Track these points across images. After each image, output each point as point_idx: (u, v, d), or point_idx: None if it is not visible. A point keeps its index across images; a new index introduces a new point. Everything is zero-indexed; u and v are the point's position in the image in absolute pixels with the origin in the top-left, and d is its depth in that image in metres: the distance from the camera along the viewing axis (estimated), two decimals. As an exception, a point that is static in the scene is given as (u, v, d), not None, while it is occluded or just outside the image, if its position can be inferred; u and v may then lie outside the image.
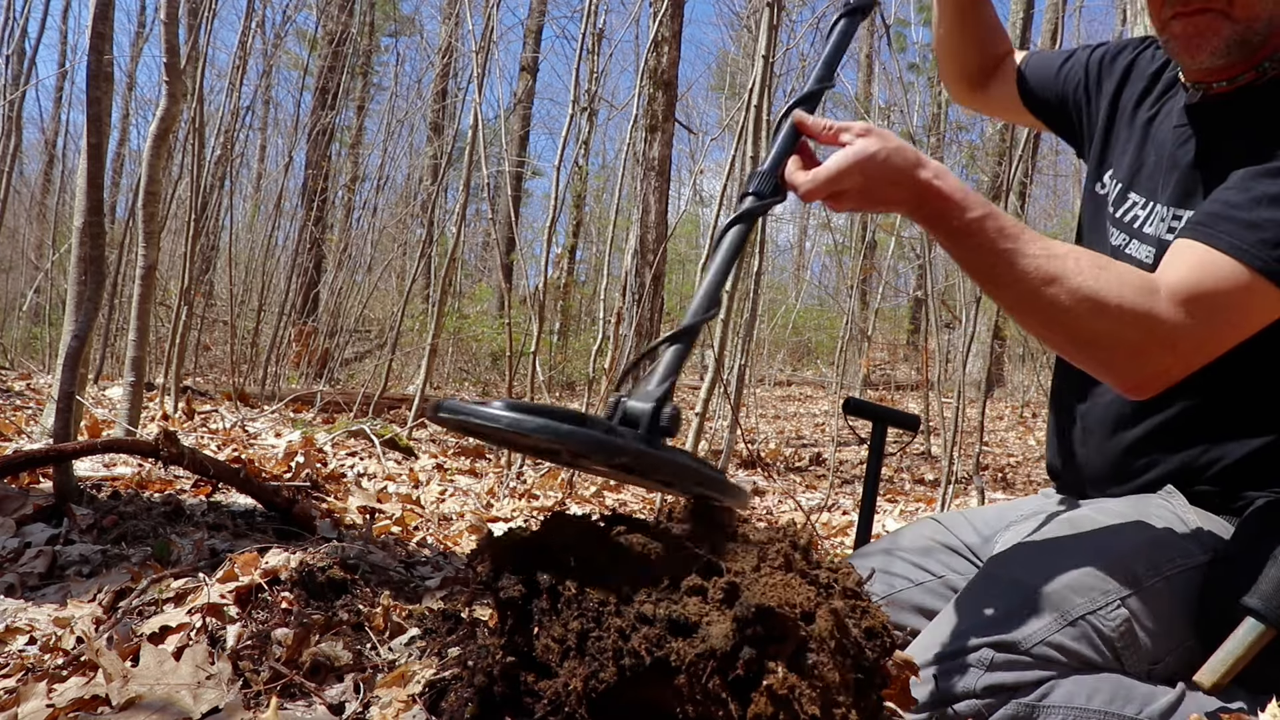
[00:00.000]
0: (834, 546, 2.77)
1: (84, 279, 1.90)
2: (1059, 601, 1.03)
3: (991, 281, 1.02)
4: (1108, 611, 1.03)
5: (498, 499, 3.15)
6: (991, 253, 0.99)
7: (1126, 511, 1.16)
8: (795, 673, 0.75)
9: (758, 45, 2.77)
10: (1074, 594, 1.04)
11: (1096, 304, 0.97)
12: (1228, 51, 1.09)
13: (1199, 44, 1.09)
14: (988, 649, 1.00)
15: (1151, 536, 1.10)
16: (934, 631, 1.07)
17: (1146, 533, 1.11)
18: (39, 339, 9.45)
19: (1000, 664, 0.99)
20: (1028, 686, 0.99)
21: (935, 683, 1.00)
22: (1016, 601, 1.03)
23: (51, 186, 12.42)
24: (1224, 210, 1.02)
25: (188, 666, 1.07)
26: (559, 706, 0.81)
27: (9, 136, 6.28)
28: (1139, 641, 1.04)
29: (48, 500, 1.75)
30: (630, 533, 0.90)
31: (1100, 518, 1.16)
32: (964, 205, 0.99)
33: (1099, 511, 1.18)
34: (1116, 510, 1.17)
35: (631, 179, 7.19)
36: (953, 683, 0.99)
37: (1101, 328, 0.98)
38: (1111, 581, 1.05)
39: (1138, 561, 1.08)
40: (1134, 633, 1.04)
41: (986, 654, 1.00)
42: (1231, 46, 1.08)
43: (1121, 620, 1.03)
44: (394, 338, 6.39)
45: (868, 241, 11.20)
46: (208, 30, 4.94)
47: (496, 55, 4.90)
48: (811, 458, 6.39)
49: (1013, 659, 0.99)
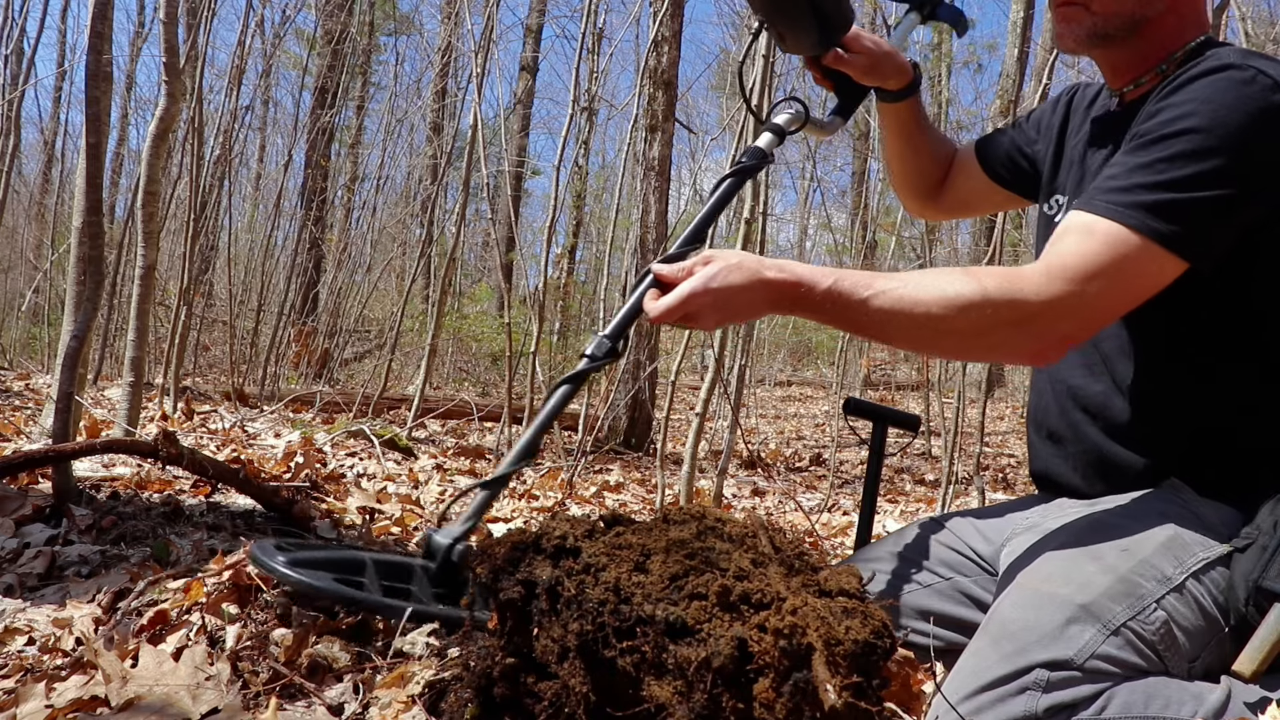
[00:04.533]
0: (834, 547, 2.77)
1: (83, 279, 1.89)
2: (1100, 612, 1.02)
3: (873, 330, 1.11)
4: (1146, 616, 1.03)
5: (497, 499, 3.15)
6: (857, 307, 1.08)
7: (1140, 511, 1.15)
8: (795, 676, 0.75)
9: (758, 45, 2.76)
10: (1112, 602, 1.03)
11: (963, 303, 1.06)
12: (1089, 40, 1.22)
13: (1064, 31, 1.23)
14: (1041, 670, 0.98)
15: (1171, 534, 1.10)
16: (974, 657, 1.04)
17: (1166, 530, 1.10)
18: (38, 339, 9.45)
19: (1057, 683, 0.98)
20: (1085, 701, 0.98)
21: (993, 709, 0.98)
22: (1058, 617, 1.02)
23: (50, 186, 12.41)
24: (1102, 183, 1.11)
25: (186, 667, 1.07)
26: (559, 707, 0.81)
27: (8, 136, 6.28)
28: (1178, 641, 1.04)
29: (46, 501, 1.75)
30: (630, 534, 0.90)
31: (1115, 520, 1.16)
32: (813, 281, 1.09)
33: (1111, 514, 1.18)
34: (1128, 510, 1.17)
35: (631, 179, 7.18)
36: (1011, 708, 0.97)
37: (975, 320, 1.06)
38: (1145, 585, 1.05)
39: (1165, 561, 1.07)
40: (1173, 633, 1.04)
41: (1041, 675, 0.98)
42: (1092, 37, 1.21)
43: (1161, 623, 1.03)
44: (393, 338, 6.39)
45: (868, 241, 11.20)
46: (207, 30, 4.94)
47: (496, 55, 4.90)
48: (812, 458, 6.39)
49: (1068, 676, 0.98)
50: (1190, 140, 1.06)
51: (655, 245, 5.99)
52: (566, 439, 5.22)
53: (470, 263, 16.13)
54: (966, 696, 0.99)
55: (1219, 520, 1.13)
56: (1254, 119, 1.05)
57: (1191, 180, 1.05)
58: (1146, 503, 1.17)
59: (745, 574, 0.83)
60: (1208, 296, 1.15)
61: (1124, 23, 1.20)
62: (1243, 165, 1.06)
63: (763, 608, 0.80)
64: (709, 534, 0.91)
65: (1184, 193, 1.05)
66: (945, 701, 0.99)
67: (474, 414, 6.34)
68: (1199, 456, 1.18)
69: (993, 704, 0.98)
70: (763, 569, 0.85)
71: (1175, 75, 1.14)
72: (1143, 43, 1.21)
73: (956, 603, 1.31)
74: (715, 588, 0.80)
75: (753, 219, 2.75)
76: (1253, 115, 1.05)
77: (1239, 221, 1.08)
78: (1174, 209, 1.05)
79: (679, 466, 3.29)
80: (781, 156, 18.30)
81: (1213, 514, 1.14)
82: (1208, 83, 1.09)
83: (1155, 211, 1.05)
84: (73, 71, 13.68)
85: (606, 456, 5.44)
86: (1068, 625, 1.01)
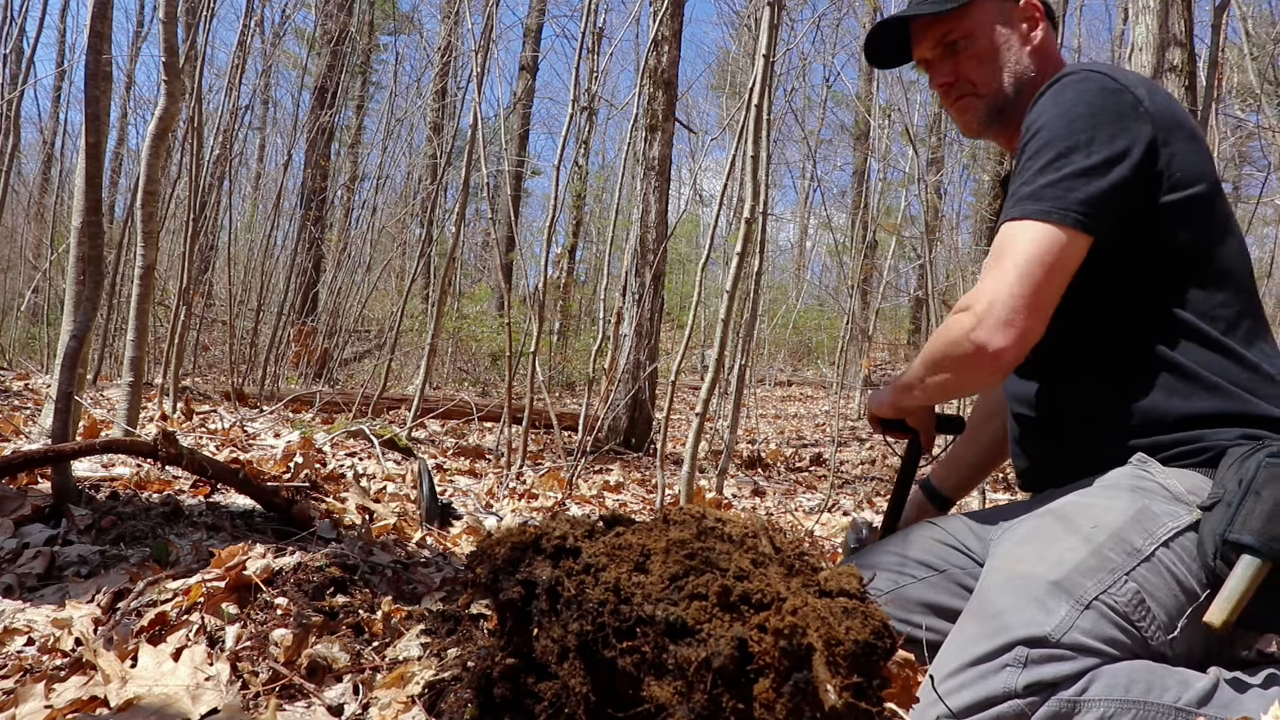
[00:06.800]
0: (834, 548, 2.77)
1: (82, 279, 1.89)
2: (1071, 587, 1.05)
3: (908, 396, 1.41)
4: (1117, 588, 1.06)
5: (497, 499, 3.15)
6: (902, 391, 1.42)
7: (1110, 488, 1.19)
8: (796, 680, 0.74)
9: (758, 44, 2.76)
10: (1083, 577, 1.06)
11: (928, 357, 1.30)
12: (988, 120, 1.39)
13: (965, 120, 1.42)
14: (1021, 647, 1.01)
15: (1139, 507, 1.14)
16: (958, 636, 1.08)
17: (1134, 504, 1.14)
18: (37, 339, 9.44)
19: (1036, 660, 1.01)
20: (1067, 680, 1.00)
21: (974, 687, 1.00)
22: (1034, 594, 1.05)
23: (50, 186, 12.40)
24: (1010, 201, 1.24)
25: (186, 668, 1.07)
26: (559, 708, 0.81)
27: (7, 135, 6.28)
28: (1152, 612, 1.07)
29: (46, 501, 1.74)
30: (630, 534, 0.90)
31: (1086, 499, 1.20)
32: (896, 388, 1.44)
33: (1083, 495, 1.22)
34: (1100, 489, 1.21)
35: (631, 178, 7.18)
36: (992, 684, 1.00)
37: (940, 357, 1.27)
38: (1115, 558, 1.08)
39: (1134, 533, 1.11)
40: (1145, 604, 1.07)
41: (1021, 651, 1.01)
42: (990, 115, 1.39)
43: (1132, 594, 1.06)
44: (393, 338, 6.39)
45: (868, 241, 11.20)
46: (206, 29, 4.93)
47: (496, 54, 4.90)
48: (812, 458, 6.39)
49: (1047, 653, 1.01)
50: (1042, 136, 1.20)
51: (655, 245, 5.99)
52: (566, 439, 5.22)
53: (470, 263, 16.12)
54: (950, 674, 1.02)
55: (1186, 488, 1.16)
56: (1092, 101, 1.19)
57: (1053, 164, 1.18)
58: (1117, 480, 1.20)
59: (745, 574, 0.83)
60: (1117, 282, 1.24)
61: (1008, 94, 1.37)
62: (1098, 137, 1.17)
63: (763, 608, 0.79)
64: (709, 534, 0.91)
65: (1051, 174, 1.18)
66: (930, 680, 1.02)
67: (474, 414, 6.34)
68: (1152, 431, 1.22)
69: (974, 681, 1.01)
70: (763, 569, 0.85)
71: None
72: (1025, 102, 1.35)
73: (951, 594, 1.34)
74: (715, 588, 0.80)
75: (753, 219, 2.75)
76: (1091, 98, 1.19)
77: (1117, 191, 1.18)
78: (1047, 192, 1.17)
79: (679, 466, 3.29)
80: (781, 156, 18.19)
81: (1179, 481, 1.16)
82: (1050, 94, 1.24)
83: (1035, 199, 1.18)
84: (72, 71, 13.68)
85: (607, 456, 5.44)
86: (1044, 602, 1.04)
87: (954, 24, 1.36)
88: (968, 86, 1.38)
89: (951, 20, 1.36)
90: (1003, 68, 1.36)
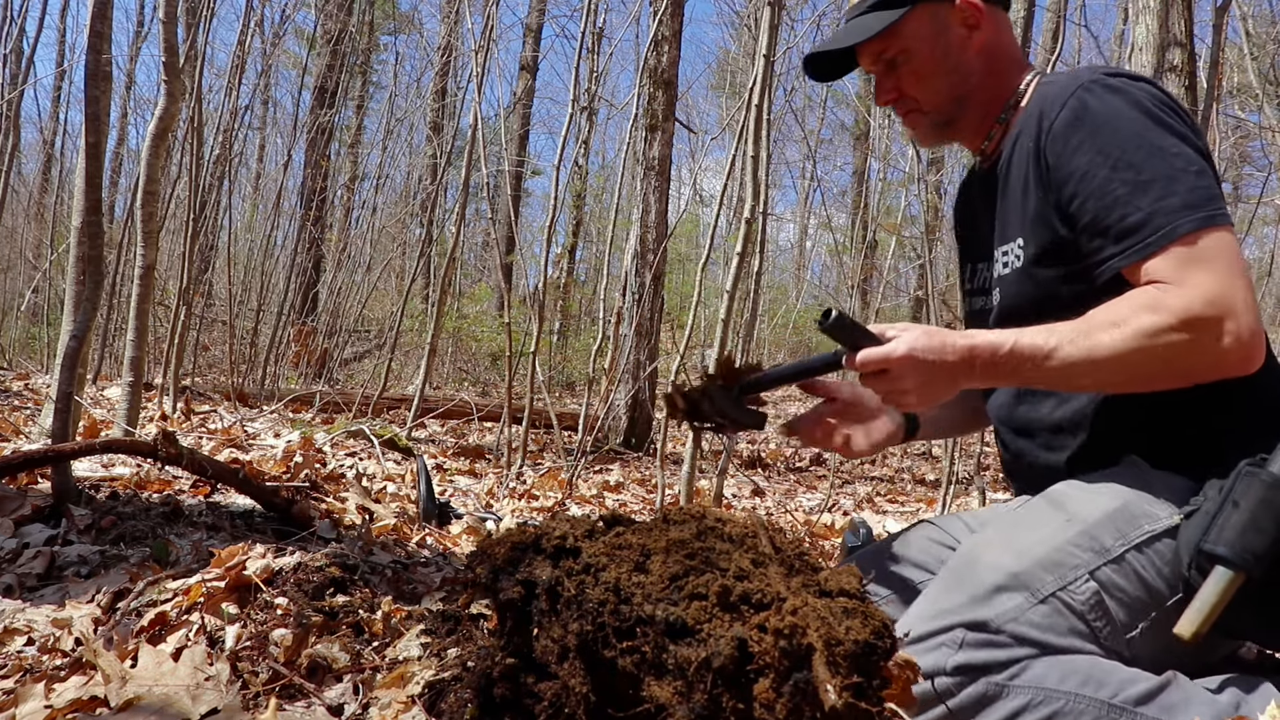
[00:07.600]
0: (834, 548, 2.77)
1: (82, 279, 1.89)
2: (1029, 580, 1.06)
3: (1059, 382, 1.13)
4: (1077, 586, 1.06)
5: (497, 499, 3.15)
6: (1039, 362, 1.09)
7: (1096, 485, 1.19)
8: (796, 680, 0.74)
9: (758, 44, 2.76)
10: (1044, 571, 1.07)
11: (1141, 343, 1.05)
12: (936, 131, 1.39)
13: (915, 134, 1.43)
14: (961, 629, 1.03)
15: (1119, 505, 1.14)
16: (911, 613, 1.10)
17: (1114, 503, 1.14)
18: (37, 339, 9.44)
19: (972, 643, 1.02)
20: (999, 666, 1.01)
21: None
22: (989, 581, 1.06)
23: (50, 186, 12.40)
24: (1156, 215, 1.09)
25: (186, 667, 1.07)
26: (559, 708, 0.81)
27: (7, 135, 6.28)
28: (1110, 612, 1.07)
29: (46, 501, 1.74)
30: (630, 534, 0.90)
31: (1070, 493, 1.20)
32: (996, 344, 1.10)
33: (1069, 487, 1.22)
34: (1086, 485, 1.21)
35: (631, 178, 7.18)
36: (924, 661, 1.01)
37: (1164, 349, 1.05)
38: (1080, 555, 1.09)
39: (1105, 532, 1.11)
40: (1104, 604, 1.07)
41: (959, 634, 1.02)
42: (936, 128, 1.38)
43: (1091, 593, 1.07)
44: (393, 338, 6.39)
45: (868, 241, 11.20)
46: (206, 29, 4.94)
47: (496, 54, 4.90)
48: (812, 458, 6.39)
49: (985, 639, 1.02)
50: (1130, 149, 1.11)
51: (655, 245, 5.99)
52: (566, 439, 5.21)
53: (470, 263, 16.13)
54: None
55: (1171, 492, 1.15)
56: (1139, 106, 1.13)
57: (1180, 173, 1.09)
58: (1105, 477, 1.20)
59: (745, 574, 0.83)
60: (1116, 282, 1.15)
61: (952, 105, 1.35)
62: (1177, 135, 1.11)
63: (763, 608, 0.79)
64: (709, 534, 0.91)
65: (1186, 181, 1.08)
66: None
67: (474, 414, 6.33)
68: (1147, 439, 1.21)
69: None
70: (763, 569, 0.85)
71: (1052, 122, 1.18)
72: (977, 109, 1.35)
73: None
74: (715, 588, 0.80)
75: (753, 219, 2.75)
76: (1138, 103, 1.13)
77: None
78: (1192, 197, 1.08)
79: (679, 466, 3.29)
80: (781, 156, 18.16)
81: (1164, 487, 1.16)
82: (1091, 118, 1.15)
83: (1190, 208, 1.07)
84: (72, 71, 13.68)
85: (606, 456, 5.44)
86: (996, 591, 1.05)
87: (888, 43, 1.34)
88: (911, 103, 1.37)
89: (885, 40, 1.33)
90: (945, 80, 1.34)
